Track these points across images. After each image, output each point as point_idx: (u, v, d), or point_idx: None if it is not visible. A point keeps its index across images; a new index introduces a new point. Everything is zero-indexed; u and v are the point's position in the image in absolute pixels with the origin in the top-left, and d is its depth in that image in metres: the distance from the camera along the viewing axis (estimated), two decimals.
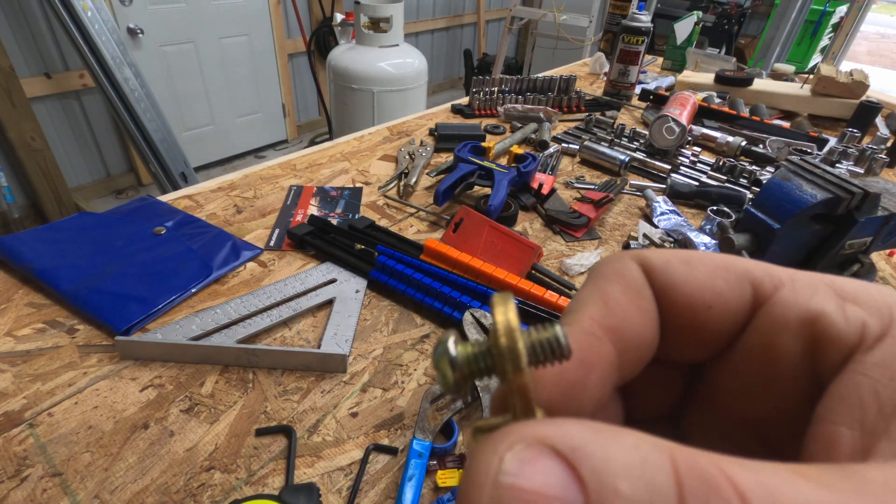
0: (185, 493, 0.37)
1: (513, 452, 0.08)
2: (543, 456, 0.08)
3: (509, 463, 0.08)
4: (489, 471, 0.08)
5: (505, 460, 0.08)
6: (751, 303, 0.11)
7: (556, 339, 0.10)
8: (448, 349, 0.11)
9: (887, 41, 7.59)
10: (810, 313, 0.10)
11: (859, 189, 0.50)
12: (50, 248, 0.58)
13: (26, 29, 2.05)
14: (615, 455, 0.07)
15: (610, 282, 0.12)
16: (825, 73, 1.14)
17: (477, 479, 0.08)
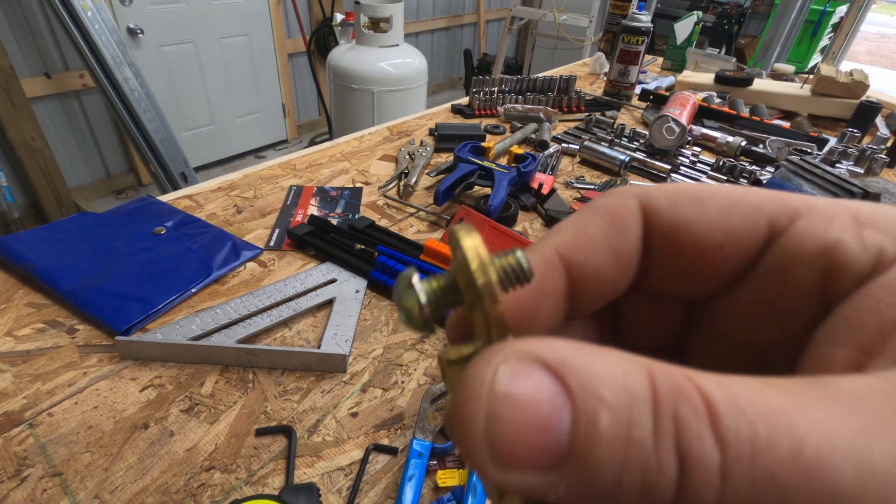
0: (185, 493, 0.37)
1: (506, 365, 0.08)
2: (534, 369, 0.08)
3: (503, 375, 0.08)
4: (484, 383, 0.08)
5: (499, 373, 0.08)
6: (765, 238, 0.11)
7: (519, 265, 0.10)
8: (413, 285, 0.11)
9: (887, 41, 7.60)
10: (826, 243, 0.10)
11: (859, 189, 0.50)
12: (50, 248, 0.58)
13: (26, 29, 2.05)
14: (599, 368, 0.08)
15: (595, 215, 0.12)
16: (825, 73, 1.14)
17: (472, 391, 0.08)
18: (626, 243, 0.11)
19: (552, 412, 0.08)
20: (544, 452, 0.08)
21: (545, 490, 0.08)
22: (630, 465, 0.07)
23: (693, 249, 0.11)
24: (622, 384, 0.08)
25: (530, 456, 0.08)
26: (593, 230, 0.11)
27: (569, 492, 0.08)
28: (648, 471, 0.07)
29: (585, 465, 0.08)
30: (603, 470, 0.07)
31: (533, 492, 0.08)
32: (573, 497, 0.08)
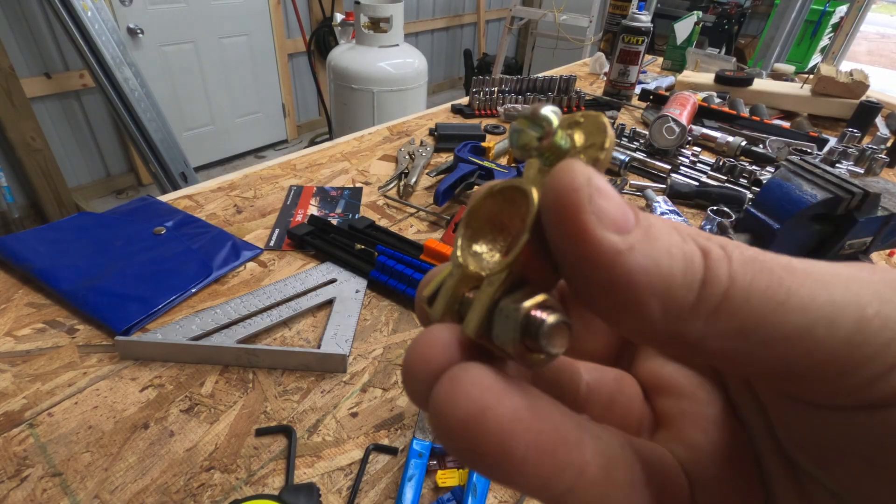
0: (185, 493, 0.37)
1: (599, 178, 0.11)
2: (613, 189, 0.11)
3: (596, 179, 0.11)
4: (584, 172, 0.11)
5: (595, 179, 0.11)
6: None
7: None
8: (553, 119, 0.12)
9: (887, 41, 7.60)
10: None
11: (859, 189, 0.50)
12: (50, 248, 0.58)
13: (26, 29, 2.05)
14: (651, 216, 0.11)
15: None
16: (825, 73, 1.14)
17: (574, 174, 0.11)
18: None
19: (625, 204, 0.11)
20: (625, 217, 0.10)
21: (622, 249, 0.10)
22: (675, 243, 0.10)
23: None
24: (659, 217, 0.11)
25: (616, 214, 0.10)
26: None
27: (639, 254, 0.10)
28: (686, 249, 0.10)
29: (649, 234, 0.10)
30: (660, 238, 0.10)
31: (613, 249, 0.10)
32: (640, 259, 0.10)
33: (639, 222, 0.11)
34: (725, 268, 0.10)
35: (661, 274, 0.10)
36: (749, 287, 0.10)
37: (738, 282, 0.10)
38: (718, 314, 0.10)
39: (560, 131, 0.12)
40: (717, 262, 0.10)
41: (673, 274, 0.10)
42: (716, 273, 0.10)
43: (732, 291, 0.10)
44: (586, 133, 0.12)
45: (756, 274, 0.10)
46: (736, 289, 0.10)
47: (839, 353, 0.09)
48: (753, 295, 0.10)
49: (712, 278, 0.10)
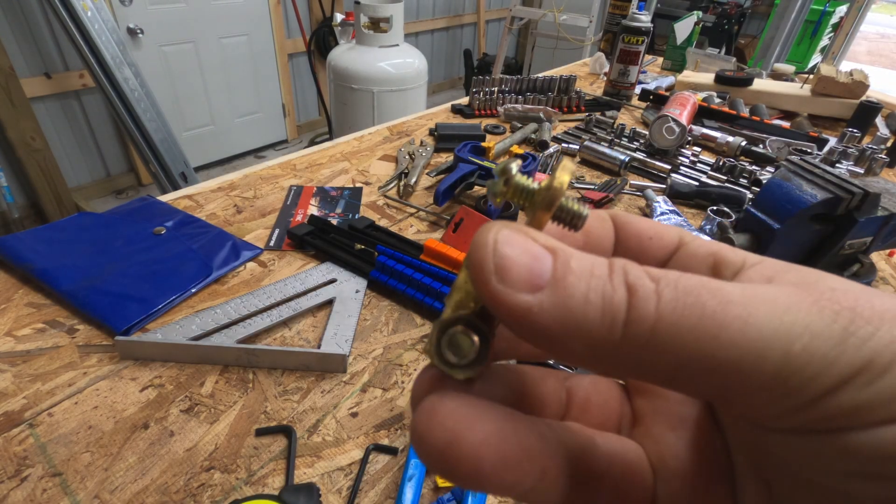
0: (185, 493, 0.37)
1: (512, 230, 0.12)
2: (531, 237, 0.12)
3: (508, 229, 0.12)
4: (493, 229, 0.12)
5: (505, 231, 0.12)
6: (677, 243, 0.16)
7: (580, 213, 0.14)
8: (513, 168, 0.14)
9: (887, 41, 7.59)
10: (712, 250, 0.15)
11: (859, 189, 0.50)
12: (50, 248, 0.58)
13: (26, 29, 2.05)
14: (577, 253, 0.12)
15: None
16: (825, 73, 1.14)
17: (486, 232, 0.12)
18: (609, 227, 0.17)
19: (539, 252, 0.11)
20: (534, 275, 0.11)
21: (532, 307, 0.11)
22: (592, 287, 0.11)
23: (634, 236, 0.16)
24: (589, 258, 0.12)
25: (524, 272, 0.11)
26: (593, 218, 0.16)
27: (550, 307, 0.11)
28: (606, 291, 0.11)
29: (562, 287, 0.11)
30: (574, 289, 0.11)
31: (522, 307, 0.11)
32: (553, 314, 0.11)
33: (554, 272, 0.11)
34: (652, 305, 0.10)
35: (577, 323, 0.11)
36: (678, 323, 0.10)
37: (665, 319, 0.10)
38: (648, 349, 0.10)
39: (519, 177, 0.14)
40: (643, 300, 0.11)
41: (589, 320, 0.11)
42: (641, 312, 0.10)
43: (660, 328, 0.10)
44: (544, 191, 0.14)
45: (687, 309, 0.10)
46: (663, 325, 0.10)
47: (767, 384, 0.10)
48: (683, 330, 0.10)
49: (637, 318, 0.10)
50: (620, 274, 0.11)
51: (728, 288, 0.11)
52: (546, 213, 0.13)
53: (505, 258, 0.11)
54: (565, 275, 0.11)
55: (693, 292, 0.11)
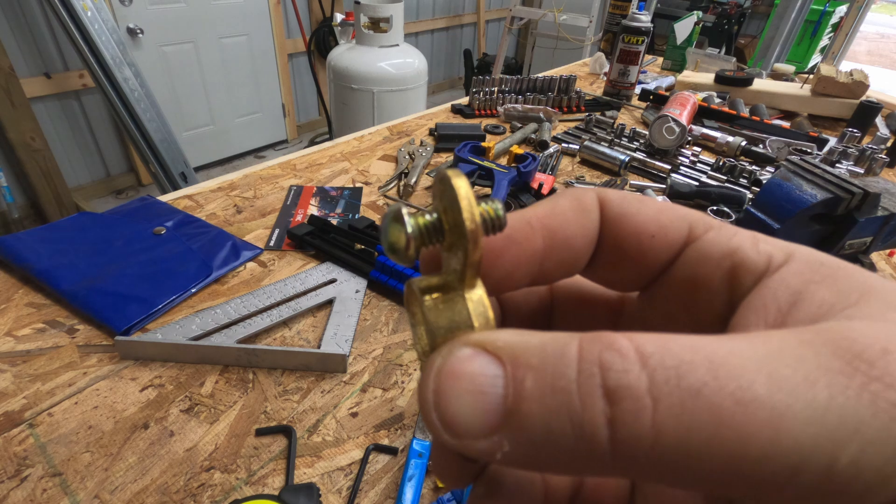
0: (185, 493, 0.37)
1: (450, 352, 0.10)
2: (475, 351, 0.10)
3: (447, 359, 0.10)
4: (433, 367, 0.10)
5: (444, 357, 0.10)
6: (685, 238, 0.13)
7: (497, 214, 0.12)
8: (401, 218, 0.12)
9: (887, 41, 7.59)
10: (730, 248, 0.12)
11: (859, 189, 0.50)
12: (50, 248, 0.58)
13: (26, 29, 2.05)
14: (532, 342, 0.09)
15: (564, 198, 0.14)
16: (825, 73, 1.14)
17: (425, 374, 0.10)
18: (589, 221, 0.14)
19: (486, 380, 0.09)
20: (483, 415, 0.09)
21: (493, 452, 0.09)
22: (555, 410, 0.08)
23: (632, 235, 0.14)
24: (549, 349, 0.09)
25: (472, 419, 0.09)
26: (564, 207, 0.14)
27: (513, 450, 0.09)
28: (574, 411, 0.08)
29: (518, 421, 0.09)
30: (533, 420, 0.09)
31: (484, 455, 0.09)
32: (518, 455, 0.09)
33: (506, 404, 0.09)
34: (647, 420, 0.08)
35: (548, 458, 0.09)
36: (686, 439, 0.08)
37: (668, 435, 0.08)
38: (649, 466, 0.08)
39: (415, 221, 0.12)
40: (632, 415, 0.08)
41: (561, 451, 0.09)
42: (631, 430, 0.08)
43: (663, 444, 0.08)
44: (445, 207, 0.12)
45: (696, 419, 0.08)
46: (667, 441, 0.08)
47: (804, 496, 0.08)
48: (694, 448, 0.08)
49: (626, 437, 0.08)
50: (595, 377, 0.08)
51: (748, 377, 0.08)
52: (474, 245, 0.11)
53: (448, 408, 0.09)
54: (518, 405, 0.09)
55: (702, 392, 0.08)
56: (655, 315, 0.15)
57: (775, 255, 0.12)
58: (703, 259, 0.13)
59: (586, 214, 0.14)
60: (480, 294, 0.12)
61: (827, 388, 0.08)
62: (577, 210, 0.14)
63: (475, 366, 0.09)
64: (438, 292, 0.12)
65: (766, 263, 0.12)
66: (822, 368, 0.08)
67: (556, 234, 0.13)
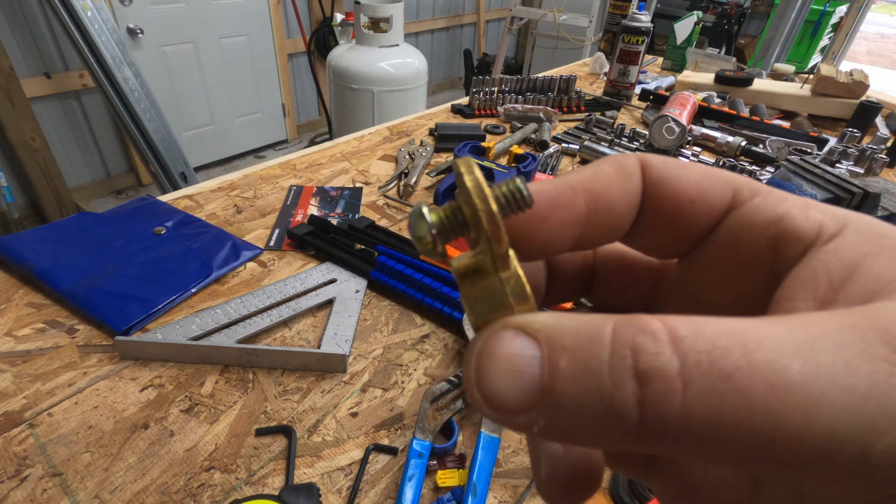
0: (185, 493, 0.37)
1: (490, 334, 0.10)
2: (514, 333, 0.10)
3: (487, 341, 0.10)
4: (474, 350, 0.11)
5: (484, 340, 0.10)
6: (728, 204, 0.13)
7: (519, 192, 0.12)
8: (423, 215, 0.12)
9: (887, 41, 7.59)
10: (776, 215, 0.12)
11: (859, 189, 0.50)
12: (50, 248, 0.58)
13: (26, 29, 2.05)
14: (569, 324, 0.10)
15: (606, 163, 0.14)
16: (825, 73, 1.14)
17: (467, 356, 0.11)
18: (632, 185, 0.13)
19: (523, 361, 0.10)
20: (521, 392, 0.10)
21: (530, 426, 0.10)
22: (587, 389, 0.09)
23: (672, 200, 0.13)
24: (583, 332, 0.09)
25: (511, 397, 0.10)
26: (607, 171, 0.13)
27: (547, 424, 0.09)
28: (604, 391, 0.09)
29: (552, 399, 0.09)
30: (566, 399, 0.09)
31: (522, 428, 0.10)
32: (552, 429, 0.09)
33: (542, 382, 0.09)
34: (676, 403, 0.08)
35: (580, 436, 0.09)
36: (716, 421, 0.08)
37: (696, 417, 0.08)
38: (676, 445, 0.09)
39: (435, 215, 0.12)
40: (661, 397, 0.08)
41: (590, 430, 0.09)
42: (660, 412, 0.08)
43: (691, 426, 0.08)
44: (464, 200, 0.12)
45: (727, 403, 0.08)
46: (694, 424, 0.08)
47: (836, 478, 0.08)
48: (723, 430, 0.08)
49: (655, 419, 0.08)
50: (626, 360, 0.09)
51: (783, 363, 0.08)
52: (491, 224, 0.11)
53: (489, 386, 0.10)
54: (553, 384, 0.09)
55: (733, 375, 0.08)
56: (696, 283, 0.15)
57: (827, 224, 0.11)
58: (747, 225, 0.12)
59: (628, 178, 0.13)
60: (516, 271, 0.12)
61: (869, 375, 0.08)
62: (620, 174, 0.13)
63: (514, 347, 0.10)
64: (476, 272, 0.12)
65: (815, 232, 0.11)
66: (866, 355, 0.08)
67: (598, 197, 0.13)
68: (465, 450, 0.42)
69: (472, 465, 0.39)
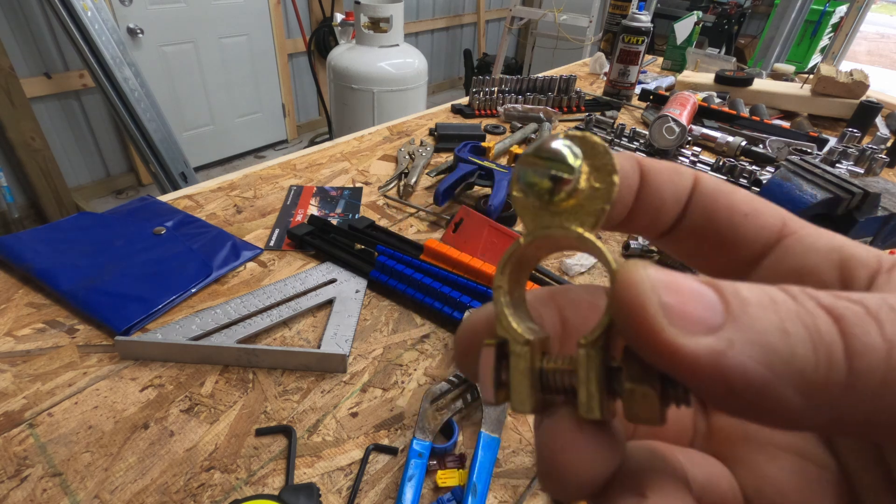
0: (185, 493, 0.37)
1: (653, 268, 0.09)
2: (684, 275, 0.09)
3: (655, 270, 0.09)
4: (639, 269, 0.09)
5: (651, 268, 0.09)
6: (780, 228, 0.13)
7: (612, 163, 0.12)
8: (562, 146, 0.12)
9: (887, 41, 7.59)
10: (835, 243, 0.12)
11: (859, 189, 0.50)
12: (50, 248, 0.58)
13: (26, 29, 2.05)
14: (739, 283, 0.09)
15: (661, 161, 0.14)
16: (825, 73, 1.14)
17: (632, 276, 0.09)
18: (682, 180, 0.13)
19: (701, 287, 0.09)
20: (709, 311, 0.09)
21: (723, 349, 0.08)
22: (785, 316, 0.08)
23: (725, 210, 0.13)
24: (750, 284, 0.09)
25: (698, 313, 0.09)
26: (661, 164, 0.14)
27: (743, 345, 0.08)
28: (804, 318, 0.08)
29: (747, 320, 0.08)
30: (765, 320, 0.08)
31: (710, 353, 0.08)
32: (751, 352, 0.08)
33: (728, 305, 0.09)
34: (874, 332, 0.08)
35: (784, 362, 0.08)
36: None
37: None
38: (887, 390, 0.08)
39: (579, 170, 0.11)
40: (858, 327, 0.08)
41: (799, 356, 0.08)
42: (864, 340, 0.08)
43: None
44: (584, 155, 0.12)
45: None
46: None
47: None
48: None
49: (860, 348, 0.08)
50: (808, 299, 0.08)
51: None
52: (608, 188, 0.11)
53: (669, 296, 0.09)
54: (744, 305, 0.09)
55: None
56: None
57: (884, 257, 0.11)
58: (810, 250, 0.12)
59: (680, 176, 0.13)
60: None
61: None
62: (671, 168, 0.13)
63: (684, 277, 0.09)
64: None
65: (877, 261, 0.11)
66: None
67: (649, 175, 0.13)
68: (465, 450, 0.42)
69: (472, 465, 0.39)
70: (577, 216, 0.12)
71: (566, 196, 0.12)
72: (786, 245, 0.13)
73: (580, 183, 0.12)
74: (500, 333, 0.12)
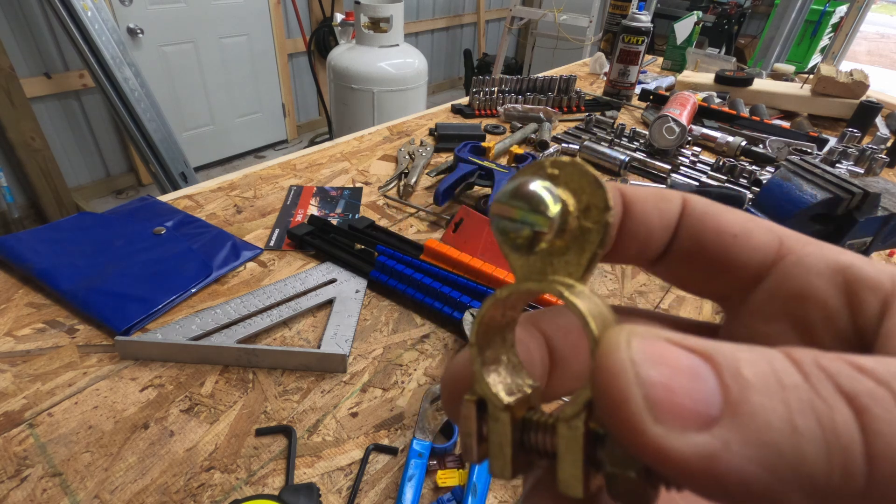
0: (185, 493, 0.37)
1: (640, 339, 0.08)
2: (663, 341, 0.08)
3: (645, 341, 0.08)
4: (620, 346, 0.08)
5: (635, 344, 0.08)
6: (776, 248, 0.12)
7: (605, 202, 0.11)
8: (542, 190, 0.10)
9: (887, 41, 7.59)
10: (839, 263, 0.11)
11: (859, 189, 0.50)
12: (50, 248, 0.58)
13: (26, 29, 2.05)
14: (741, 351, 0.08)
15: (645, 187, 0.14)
16: (825, 73, 1.14)
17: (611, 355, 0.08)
18: (669, 207, 0.13)
19: (695, 365, 0.08)
20: (702, 403, 0.07)
21: (715, 451, 0.07)
22: (795, 406, 0.07)
23: (713, 231, 0.13)
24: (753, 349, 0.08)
25: (689, 406, 0.07)
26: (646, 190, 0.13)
27: (741, 447, 0.07)
28: (819, 412, 0.07)
29: (748, 412, 0.07)
30: (769, 414, 0.07)
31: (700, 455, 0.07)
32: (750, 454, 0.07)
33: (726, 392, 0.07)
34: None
35: (790, 466, 0.07)
36: None
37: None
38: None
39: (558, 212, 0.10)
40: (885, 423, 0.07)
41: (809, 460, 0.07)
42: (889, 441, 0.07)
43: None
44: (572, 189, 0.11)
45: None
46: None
47: None
48: None
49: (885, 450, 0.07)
50: (823, 378, 0.07)
51: None
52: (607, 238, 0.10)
53: (655, 385, 0.08)
54: (744, 393, 0.07)
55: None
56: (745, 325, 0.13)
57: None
58: (809, 272, 0.11)
59: (665, 200, 0.13)
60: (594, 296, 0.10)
61: None
62: (657, 194, 0.13)
63: (673, 350, 0.08)
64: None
65: (890, 283, 0.10)
66: None
67: (634, 205, 0.13)
68: None
69: (472, 464, 0.39)
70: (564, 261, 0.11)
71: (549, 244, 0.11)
72: (785, 266, 0.12)
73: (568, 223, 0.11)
74: (479, 393, 0.11)
